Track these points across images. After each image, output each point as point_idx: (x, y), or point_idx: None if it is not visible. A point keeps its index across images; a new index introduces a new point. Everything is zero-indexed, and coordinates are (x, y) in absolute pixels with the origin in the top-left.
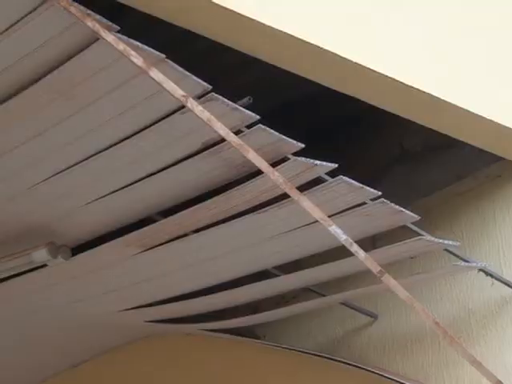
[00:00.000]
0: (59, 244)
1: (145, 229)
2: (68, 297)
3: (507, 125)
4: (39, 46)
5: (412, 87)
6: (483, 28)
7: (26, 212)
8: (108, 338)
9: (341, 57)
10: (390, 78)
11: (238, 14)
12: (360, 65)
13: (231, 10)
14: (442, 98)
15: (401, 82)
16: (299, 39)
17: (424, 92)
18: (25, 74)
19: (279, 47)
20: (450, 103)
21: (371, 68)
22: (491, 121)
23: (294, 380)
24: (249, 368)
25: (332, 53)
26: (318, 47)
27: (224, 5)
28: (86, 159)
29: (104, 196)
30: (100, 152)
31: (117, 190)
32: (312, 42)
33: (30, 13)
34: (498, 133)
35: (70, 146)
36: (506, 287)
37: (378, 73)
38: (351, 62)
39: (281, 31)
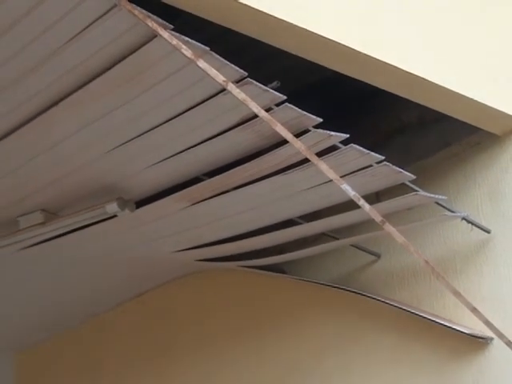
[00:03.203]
0: (126, 199)
1: (193, 187)
2: (132, 241)
3: (484, 102)
4: (110, 42)
5: (409, 72)
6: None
7: (101, 173)
8: (163, 273)
9: (350, 48)
10: (391, 65)
11: (270, 15)
12: (367, 55)
13: (265, 12)
14: (434, 81)
15: (400, 69)
16: (318, 35)
17: (419, 76)
18: (98, 64)
19: (302, 41)
20: (439, 85)
21: (376, 57)
22: (472, 99)
23: (313, 306)
24: (276, 297)
25: (343, 45)
26: (334, 41)
27: (259, 8)
28: (148, 131)
29: (161, 161)
30: (158, 126)
31: (171, 156)
32: (329, 36)
33: (102, 16)
34: (478, 109)
35: (135, 121)
36: (483, 232)
37: (382, 61)
38: (360, 52)
39: (303, 29)
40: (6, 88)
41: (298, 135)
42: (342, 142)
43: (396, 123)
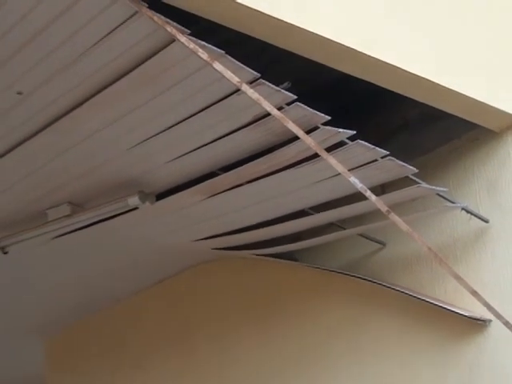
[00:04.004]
0: (147, 192)
1: (210, 180)
2: (153, 231)
3: (483, 101)
4: (131, 46)
5: (412, 73)
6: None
7: (123, 168)
8: (182, 261)
9: (356, 50)
10: (395, 66)
11: (281, 20)
12: (372, 57)
13: (276, 18)
14: (435, 80)
15: (404, 70)
16: (326, 38)
17: (421, 76)
18: (121, 67)
19: (312, 45)
20: (440, 84)
21: (381, 59)
22: (471, 98)
23: (323, 292)
24: (288, 283)
25: (349, 47)
26: (340, 44)
27: (271, 14)
28: (167, 129)
29: (180, 156)
30: (177, 124)
31: (189, 152)
32: (336, 40)
33: (124, 22)
34: (476, 106)
35: (155, 120)
36: (481, 222)
37: (387, 63)
38: (365, 54)
39: (313, 33)
40: (36, 88)
41: (308, 132)
42: (349, 138)
43: (399, 120)
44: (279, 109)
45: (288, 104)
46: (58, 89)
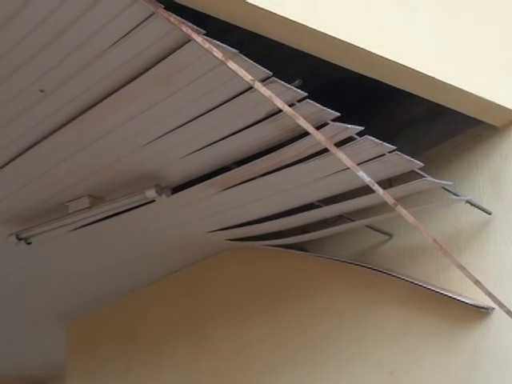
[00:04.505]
0: (163, 185)
1: (224, 174)
2: (169, 223)
3: (486, 98)
4: (148, 46)
5: (418, 71)
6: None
7: (141, 163)
8: (196, 252)
9: (365, 50)
10: (401, 65)
11: (293, 20)
12: (380, 56)
13: (288, 18)
14: (440, 78)
15: (410, 68)
16: (336, 38)
17: (427, 75)
18: (139, 65)
19: (321, 45)
20: (445, 82)
21: (388, 58)
22: (475, 95)
23: (331, 281)
24: (298, 272)
25: (357, 47)
26: (349, 43)
27: (283, 14)
28: (183, 125)
29: (195, 151)
30: (192, 120)
31: (204, 147)
32: (345, 40)
33: (141, 23)
34: (480, 103)
35: (171, 116)
36: (484, 214)
37: (393, 61)
38: (373, 53)
39: (323, 33)
40: (58, 86)
41: (318, 128)
42: (357, 134)
43: (406, 117)
44: (290, 106)
45: (299, 101)
46: (78, 87)
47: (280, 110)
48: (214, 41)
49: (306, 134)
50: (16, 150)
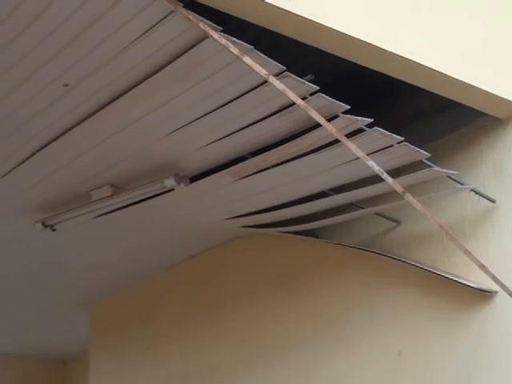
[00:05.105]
0: (182, 175)
1: (239, 164)
2: (187, 210)
3: (490, 91)
4: (168, 42)
5: (425, 66)
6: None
7: (160, 153)
8: (213, 238)
9: (375, 46)
10: (409, 59)
11: (306, 18)
12: (387, 51)
13: (301, 16)
14: (445, 72)
15: (417, 62)
16: (346, 34)
17: (433, 69)
18: (159, 61)
19: (333, 41)
20: (450, 76)
21: (395, 52)
22: (479, 88)
23: (341, 266)
24: (310, 258)
25: (368, 43)
26: (359, 39)
27: (296, 12)
28: (200, 117)
29: (212, 142)
30: (209, 113)
31: (221, 138)
32: (355, 35)
33: (161, 20)
34: (484, 96)
35: (189, 109)
36: (488, 202)
37: (401, 56)
38: (383, 49)
39: (334, 29)
40: (82, 80)
41: (329, 120)
42: (367, 126)
43: (413, 110)
44: (303, 99)
45: (311, 94)
46: (101, 81)
47: (293, 103)
48: (231, 37)
49: (317, 125)
50: (42, 142)
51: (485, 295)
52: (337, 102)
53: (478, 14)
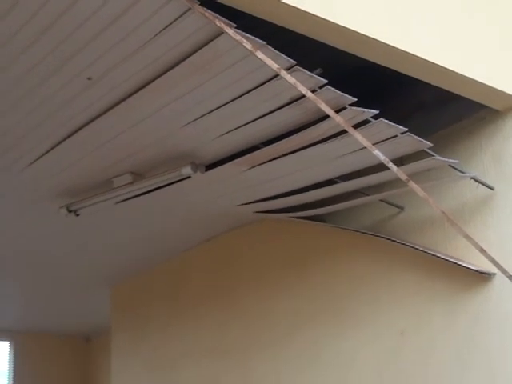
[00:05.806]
0: (198, 163)
1: (252, 153)
2: (203, 197)
3: (490, 84)
4: (185, 38)
5: (428, 60)
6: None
7: (178, 143)
8: (227, 223)
9: (379, 41)
10: (413, 54)
11: (315, 15)
12: (393, 46)
13: (311, 13)
14: (447, 66)
15: (421, 58)
16: (354, 31)
17: (436, 63)
18: (176, 56)
19: (341, 36)
20: (452, 70)
21: (400, 48)
22: (479, 82)
23: (348, 249)
24: (318, 241)
25: (373, 38)
26: (365, 35)
27: (307, 9)
28: (216, 109)
29: (226, 133)
30: (224, 105)
31: (234, 129)
32: (362, 32)
33: (179, 17)
34: (484, 89)
35: (205, 101)
36: (487, 189)
37: (407, 52)
38: (387, 44)
39: (342, 26)
40: (105, 75)
41: (337, 111)
42: (372, 117)
43: (416, 102)
44: (313, 91)
45: (320, 87)
46: (122, 75)
47: (303, 96)
48: (244, 33)
49: (326, 117)
50: (67, 132)
51: (484, 277)
52: (344, 94)
53: (479, 12)
